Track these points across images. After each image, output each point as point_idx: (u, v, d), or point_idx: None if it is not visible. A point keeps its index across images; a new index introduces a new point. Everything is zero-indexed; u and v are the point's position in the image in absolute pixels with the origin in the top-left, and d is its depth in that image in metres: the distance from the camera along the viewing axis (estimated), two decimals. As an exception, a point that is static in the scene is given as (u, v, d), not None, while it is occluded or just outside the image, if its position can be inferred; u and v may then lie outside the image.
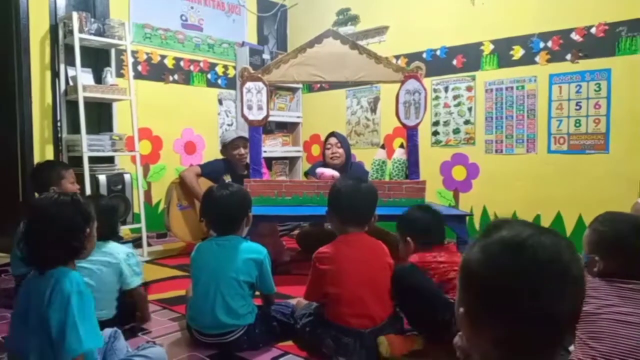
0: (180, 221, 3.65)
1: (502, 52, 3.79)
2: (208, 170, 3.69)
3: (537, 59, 3.62)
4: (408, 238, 2.11)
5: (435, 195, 4.05)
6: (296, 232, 4.03)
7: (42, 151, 3.55)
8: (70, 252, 1.45)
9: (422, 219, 2.14)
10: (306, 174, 3.93)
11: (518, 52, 3.71)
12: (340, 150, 3.57)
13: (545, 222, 3.44)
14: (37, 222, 1.43)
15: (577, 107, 3.46)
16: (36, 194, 2.81)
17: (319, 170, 3.38)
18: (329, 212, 2.08)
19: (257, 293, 2.07)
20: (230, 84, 4.85)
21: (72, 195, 1.50)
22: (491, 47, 3.85)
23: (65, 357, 1.30)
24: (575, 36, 3.44)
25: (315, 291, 1.97)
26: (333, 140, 3.60)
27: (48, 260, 1.41)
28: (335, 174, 3.29)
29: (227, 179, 3.61)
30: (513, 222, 0.77)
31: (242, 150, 3.68)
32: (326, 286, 1.89)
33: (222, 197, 2.03)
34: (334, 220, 2.07)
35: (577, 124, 3.46)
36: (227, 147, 3.74)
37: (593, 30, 3.37)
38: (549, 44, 3.56)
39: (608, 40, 3.31)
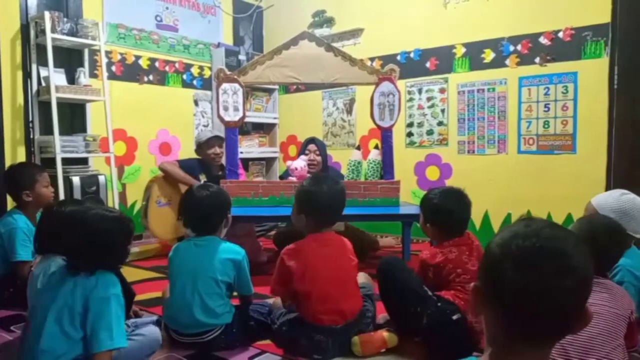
0: (159, 218, 3.64)
1: (474, 55, 3.88)
2: (185, 166, 3.68)
3: (507, 62, 3.72)
4: (428, 224, 2.06)
5: (410, 195, 4.12)
6: (273, 232, 4.05)
7: (14, 152, 3.49)
8: (110, 263, 1.59)
9: (444, 209, 1.99)
10: (281, 177, 3.95)
11: (489, 55, 3.81)
12: (319, 158, 3.59)
13: (516, 221, 3.54)
14: (83, 236, 1.55)
15: (546, 109, 3.57)
16: (8, 197, 2.77)
17: (290, 165, 3.39)
18: (300, 213, 2.02)
19: (235, 293, 2.09)
20: (205, 84, 4.83)
21: (118, 213, 1.65)
22: (463, 50, 3.94)
23: (95, 348, 1.46)
24: (543, 40, 3.55)
25: (281, 286, 1.97)
26: (312, 147, 3.62)
27: (90, 267, 1.53)
28: (304, 167, 3.32)
29: (203, 178, 3.61)
30: (535, 218, 0.84)
31: (218, 150, 3.68)
32: (295, 284, 1.90)
33: (202, 197, 2.04)
34: (307, 221, 2.01)
35: (546, 125, 3.57)
36: (202, 146, 3.73)
37: (560, 34, 3.48)
38: (519, 47, 3.66)
39: (574, 45, 3.42)
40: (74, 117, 3.82)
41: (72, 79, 3.69)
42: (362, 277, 2.22)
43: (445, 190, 2.09)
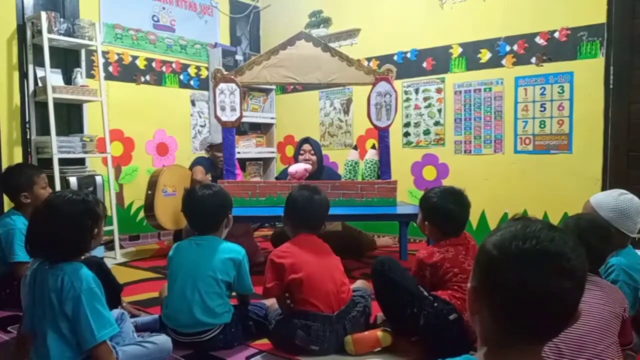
0: (165, 208, 3.72)
1: (470, 55, 3.89)
2: (205, 166, 3.80)
3: (503, 62, 3.74)
4: (426, 222, 2.07)
5: (407, 194, 4.13)
6: (258, 230, 4.08)
7: (11, 153, 3.49)
8: (78, 249, 1.56)
9: (443, 209, 2.00)
10: (277, 178, 3.96)
11: (485, 55, 3.82)
12: (314, 158, 3.60)
13: (512, 220, 3.56)
14: (47, 219, 1.52)
15: (542, 109, 3.58)
16: (5, 198, 2.77)
17: (291, 170, 3.39)
18: (284, 217, 2.18)
19: (234, 293, 2.10)
20: (202, 85, 4.83)
21: (84, 196, 1.59)
22: (460, 50, 3.95)
23: (83, 347, 1.46)
24: (539, 40, 3.57)
25: (276, 285, 1.98)
26: (307, 146, 3.63)
27: (55, 254, 1.51)
28: (308, 166, 3.32)
29: (208, 177, 3.70)
30: (530, 218, 0.85)
31: None
32: (286, 276, 1.95)
33: (204, 196, 2.05)
34: (287, 224, 2.18)
35: (542, 125, 3.59)
36: (213, 147, 3.86)
37: (556, 34, 3.49)
38: (515, 47, 3.67)
39: (570, 45, 3.44)
40: (70, 117, 3.82)
41: (69, 80, 3.69)
42: (359, 283, 2.24)
43: (446, 190, 2.09)
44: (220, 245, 2.02)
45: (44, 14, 3.36)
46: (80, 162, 3.72)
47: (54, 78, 3.51)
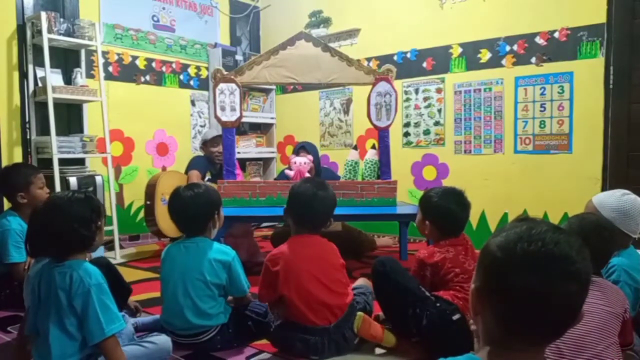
0: (165, 216, 3.68)
1: (470, 55, 3.89)
2: (202, 169, 3.76)
3: (503, 62, 3.73)
4: (427, 222, 2.05)
5: (407, 194, 4.13)
6: (258, 230, 4.07)
7: (10, 153, 3.48)
8: (81, 243, 1.55)
9: (443, 209, 2.00)
10: (277, 179, 3.96)
11: (485, 55, 3.82)
12: (312, 164, 3.59)
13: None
14: (50, 218, 1.53)
15: (542, 109, 3.58)
16: (4, 199, 2.76)
17: (292, 159, 3.37)
18: (286, 212, 2.07)
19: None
20: (202, 85, 4.83)
21: (85, 192, 1.64)
22: (460, 50, 3.95)
23: (90, 341, 1.47)
24: (539, 40, 3.57)
25: (269, 292, 1.96)
26: (304, 154, 3.62)
27: (60, 252, 1.52)
28: (309, 163, 3.30)
29: (208, 175, 3.68)
30: (535, 219, 0.85)
31: (221, 148, 3.71)
32: (280, 288, 1.89)
33: (187, 197, 2.00)
34: (289, 219, 2.07)
35: (542, 125, 3.58)
36: (207, 143, 3.84)
37: (556, 34, 3.49)
38: (515, 47, 3.67)
39: (570, 45, 3.43)
40: (70, 117, 3.82)
41: (68, 80, 3.69)
42: (360, 281, 2.23)
43: (447, 190, 2.08)
44: (208, 246, 1.98)
45: (44, 14, 3.36)
46: (80, 162, 3.72)
47: (54, 78, 3.51)
